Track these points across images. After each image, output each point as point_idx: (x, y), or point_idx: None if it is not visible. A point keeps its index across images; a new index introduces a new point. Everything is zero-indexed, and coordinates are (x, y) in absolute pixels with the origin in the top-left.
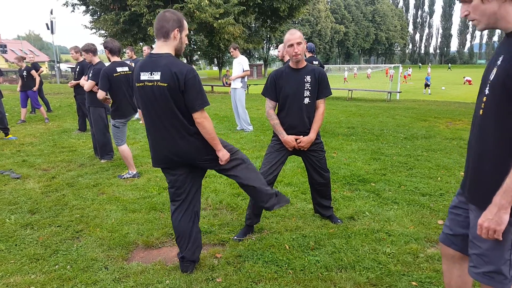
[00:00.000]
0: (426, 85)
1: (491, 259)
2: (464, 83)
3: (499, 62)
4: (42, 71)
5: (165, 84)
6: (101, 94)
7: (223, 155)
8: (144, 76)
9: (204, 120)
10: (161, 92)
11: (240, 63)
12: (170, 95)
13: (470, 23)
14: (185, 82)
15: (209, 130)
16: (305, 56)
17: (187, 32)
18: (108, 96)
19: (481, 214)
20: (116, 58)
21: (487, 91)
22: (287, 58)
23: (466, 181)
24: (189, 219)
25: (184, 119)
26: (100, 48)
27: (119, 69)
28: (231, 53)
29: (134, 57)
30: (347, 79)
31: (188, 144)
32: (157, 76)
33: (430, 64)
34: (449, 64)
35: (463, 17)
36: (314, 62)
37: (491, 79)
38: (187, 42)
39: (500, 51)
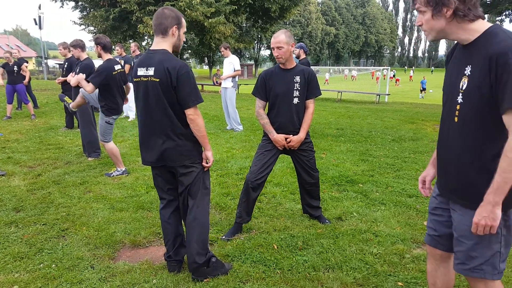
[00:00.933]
0: (422, 89)
1: (479, 253)
2: None
3: (468, 72)
4: (27, 66)
5: (157, 80)
6: (91, 89)
7: (210, 156)
8: (141, 71)
9: (197, 117)
10: (154, 87)
11: (231, 63)
12: (162, 91)
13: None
14: (177, 77)
15: (201, 127)
16: (299, 57)
17: (185, 29)
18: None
19: (466, 212)
20: (108, 55)
21: (460, 100)
22: (302, 55)
23: (447, 183)
24: (177, 218)
25: (174, 117)
26: (88, 44)
27: (116, 67)
28: (222, 53)
29: (124, 54)
30: (328, 81)
31: (172, 144)
32: (151, 71)
33: (413, 68)
34: (432, 68)
35: (417, 25)
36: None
37: (463, 88)
38: (184, 39)
39: (463, 61)
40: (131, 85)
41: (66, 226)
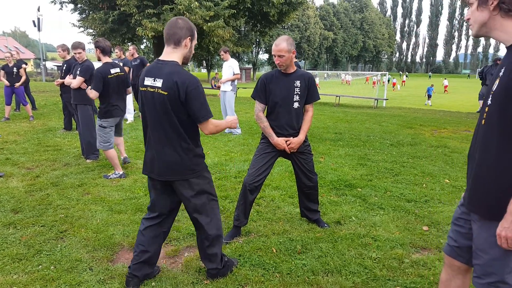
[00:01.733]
0: (428, 96)
1: (495, 269)
2: (444, 90)
3: (501, 74)
4: (26, 68)
5: (166, 93)
6: (94, 95)
7: (232, 120)
8: (148, 81)
9: (209, 130)
10: (161, 100)
11: (230, 66)
12: (170, 104)
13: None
14: (186, 93)
15: (216, 132)
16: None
17: (196, 42)
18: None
19: (483, 224)
20: (107, 59)
21: (489, 102)
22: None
23: (468, 191)
24: (153, 235)
25: (181, 129)
26: (87, 47)
27: (112, 71)
28: (222, 56)
29: (123, 56)
30: (319, 85)
31: (176, 156)
32: (159, 83)
33: (406, 73)
34: (430, 73)
35: (466, 19)
36: None
37: (493, 89)
38: (193, 51)
39: (503, 64)
40: (130, 88)
41: (65, 227)
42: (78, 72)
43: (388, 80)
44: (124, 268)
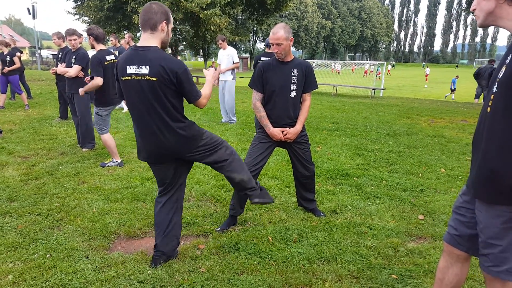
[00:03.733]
0: (452, 90)
1: (511, 254)
2: (426, 77)
3: (507, 61)
4: (20, 56)
5: (155, 79)
6: (101, 81)
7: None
8: (131, 69)
9: (203, 105)
10: (150, 86)
11: (230, 55)
12: (160, 89)
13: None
14: (177, 77)
15: (207, 101)
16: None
17: (173, 25)
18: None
19: (494, 212)
20: (101, 46)
21: (495, 89)
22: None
23: (474, 179)
24: (169, 210)
25: (173, 112)
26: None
27: (108, 58)
28: (219, 45)
29: (118, 45)
30: None
31: (176, 138)
32: (145, 70)
33: (393, 63)
34: (424, 63)
35: (471, 10)
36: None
37: (499, 77)
38: (171, 35)
39: (509, 51)
40: None
41: (61, 216)
42: (73, 60)
43: (377, 69)
44: (120, 256)
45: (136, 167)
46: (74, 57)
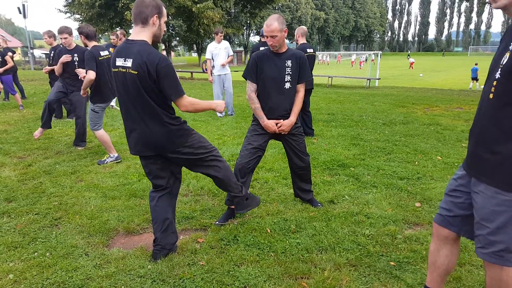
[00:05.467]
0: (474, 79)
1: (500, 237)
2: (410, 67)
3: (511, 47)
4: (12, 56)
5: (136, 72)
6: (92, 75)
7: (220, 104)
8: (119, 61)
9: (184, 107)
10: (132, 79)
11: (226, 48)
12: (140, 83)
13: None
14: (157, 71)
15: (194, 110)
16: (297, 42)
17: (166, 19)
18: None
19: (490, 194)
20: (94, 43)
21: (497, 75)
22: (300, 41)
23: (475, 161)
24: (164, 205)
25: (158, 106)
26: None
27: (102, 53)
28: (219, 37)
29: (119, 42)
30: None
31: (160, 132)
32: (129, 63)
33: (380, 52)
34: (409, 51)
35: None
36: (309, 50)
37: (503, 63)
38: (165, 29)
39: (510, 36)
40: None
41: (59, 215)
42: (76, 58)
43: (366, 59)
44: (120, 252)
45: (133, 164)
46: (76, 55)
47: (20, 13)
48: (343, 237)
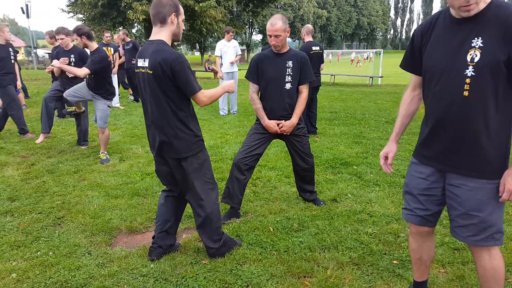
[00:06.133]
0: None
1: (492, 222)
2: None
3: (479, 44)
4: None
5: (151, 72)
6: (86, 73)
7: (230, 85)
8: (140, 62)
9: (203, 102)
10: (150, 79)
11: (235, 47)
12: (157, 83)
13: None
14: (171, 69)
15: (212, 102)
16: (303, 41)
17: (183, 17)
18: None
19: (477, 185)
20: (95, 44)
21: (470, 73)
22: (306, 39)
23: (456, 158)
24: (170, 206)
25: (174, 106)
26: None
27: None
28: (229, 36)
29: (128, 39)
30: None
31: (170, 136)
32: (146, 63)
33: (375, 51)
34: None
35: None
36: (314, 48)
37: (475, 61)
38: (184, 27)
39: (465, 33)
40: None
41: (62, 214)
42: (72, 59)
43: (367, 57)
44: (122, 251)
45: (136, 163)
46: (72, 56)
47: (23, 13)
48: (346, 235)
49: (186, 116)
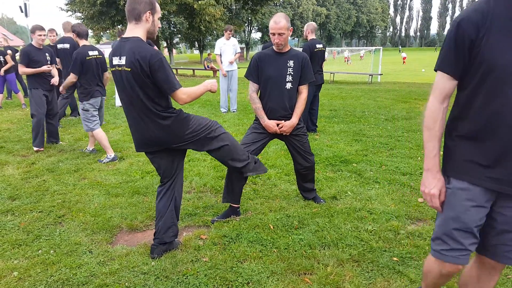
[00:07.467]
0: None
1: None
2: (403, 62)
3: None
4: (12, 54)
5: (129, 69)
6: (74, 78)
7: (212, 83)
8: (115, 60)
9: (182, 100)
10: (127, 77)
11: (235, 45)
12: (135, 80)
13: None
14: (150, 66)
15: (192, 100)
16: (307, 38)
17: (160, 15)
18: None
19: None
20: (85, 42)
21: None
22: (310, 37)
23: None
24: (167, 198)
25: (153, 103)
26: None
27: (90, 53)
28: (229, 34)
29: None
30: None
31: (159, 128)
32: (123, 60)
33: (366, 49)
34: (400, 47)
35: None
36: (318, 46)
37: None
38: (160, 25)
39: None
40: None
41: (63, 212)
42: (48, 58)
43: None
44: (123, 249)
45: (136, 161)
46: (47, 54)
47: (21, 12)
48: (346, 233)
49: (166, 106)
